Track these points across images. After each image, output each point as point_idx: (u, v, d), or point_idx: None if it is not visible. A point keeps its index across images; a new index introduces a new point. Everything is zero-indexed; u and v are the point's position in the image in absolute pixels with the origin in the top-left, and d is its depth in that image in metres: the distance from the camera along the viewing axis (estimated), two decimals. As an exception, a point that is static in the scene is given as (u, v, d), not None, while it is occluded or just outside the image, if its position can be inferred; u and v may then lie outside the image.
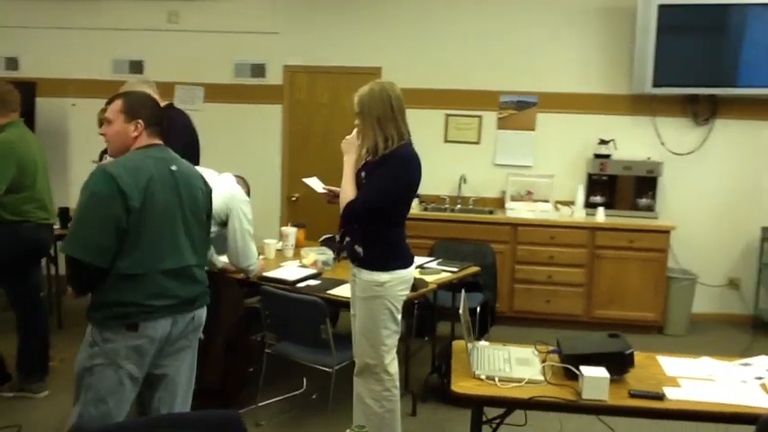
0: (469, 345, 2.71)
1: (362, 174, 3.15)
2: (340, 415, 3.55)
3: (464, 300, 2.83)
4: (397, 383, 3.21)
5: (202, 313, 2.70)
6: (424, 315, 4.73)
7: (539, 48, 6.03)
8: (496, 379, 2.51)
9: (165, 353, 2.60)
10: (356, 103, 3.10)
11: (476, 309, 4.65)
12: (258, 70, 6.40)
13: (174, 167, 2.60)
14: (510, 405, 2.51)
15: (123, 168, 2.46)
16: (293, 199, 6.41)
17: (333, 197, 3.28)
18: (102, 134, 2.70)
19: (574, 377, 2.50)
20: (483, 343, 2.81)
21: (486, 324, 4.75)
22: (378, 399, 3.18)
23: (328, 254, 4.15)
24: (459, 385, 2.49)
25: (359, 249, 3.14)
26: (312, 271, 3.96)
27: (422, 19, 6.14)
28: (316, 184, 3.34)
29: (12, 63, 6.60)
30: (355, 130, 3.18)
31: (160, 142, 2.65)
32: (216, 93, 6.37)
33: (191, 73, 6.38)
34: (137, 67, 6.51)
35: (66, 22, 6.49)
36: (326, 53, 6.27)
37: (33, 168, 3.85)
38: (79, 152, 6.34)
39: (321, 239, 4.89)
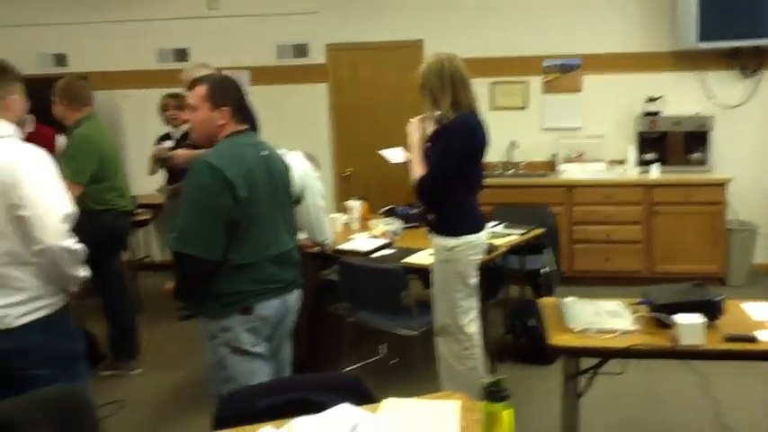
0: (564, 300, 2.80)
1: (428, 145, 3.23)
2: (424, 377, 3.67)
3: (553, 258, 2.90)
4: (477, 342, 3.31)
5: (300, 293, 2.76)
6: (489, 277, 4.80)
7: (579, 9, 6.01)
8: (591, 330, 2.59)
9: (279, 332, 2.69)
10: (418, 76, 3.19)
11: (538, 270, 4.73)
12: (300, 50, 6.47)
13: (264, 152, 2.60)
14: (607, 355, 2.58)
15: (225, 159, 2.43)
16: (345, 174, 6.51)
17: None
18: (185, 120, 2.73)
19: (665, 326, 2.57)
20: (570, 299, 2.88)
21: (551, 285, 4.82)
22: (459, 357, 3.29)
23: (396, 224, 4.24)
24: (557, 338, 2.57)
25: (430, 216, 3.24)
26: (384, 241, 4.06)
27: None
28: (397, 155, 3.41)
29: (61, 59, 6.75)
30: (418, 118, 3.30)
31: (247, 127, 2.62)
32: (260, 75, 6.45)
33: (234, 57, 6.45)
34: (181, 55, 6.62)
35: (110, 15, 6.61)
36: (367, 29, 6.32)
37: (112, 159, 3.99)
38: (133, 142, 6.49)
39: (381, 211, 4.98)
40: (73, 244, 2.39)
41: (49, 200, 2.35)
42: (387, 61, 6.38)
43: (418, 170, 3.19)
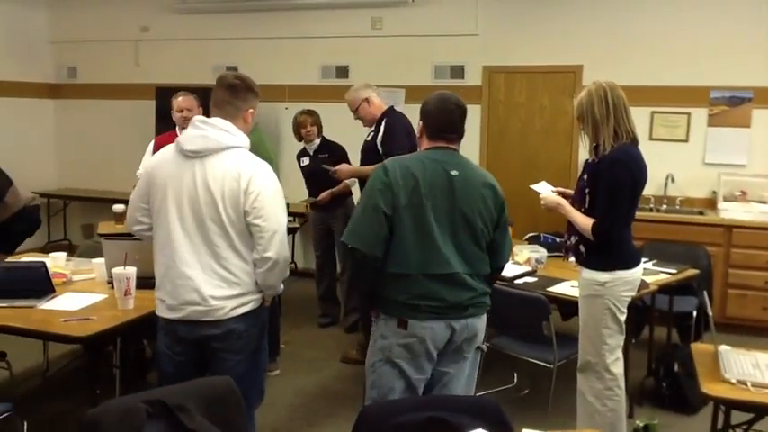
0: (719, 348, 2.66)
1: (584, 177, 3.16)
2: (558, 412, 3.59)
3: (707, 301, 2.76)
4: (621, 384, 3.19)
5: (476, 323, 2.61)
6: (633, 316, 4.62)
7: (751, 39, 5.66)
8: (748, 383, 2.43)
9: (446, 359, 2.61)
10: (575, 107, 3.14)
11: (691, 313, 4.49)
12: (457, 72, 6.56)
13: (454, 172, 2.54)
14: (764, 411, 2.43)
15: (397, 164, 2.54)
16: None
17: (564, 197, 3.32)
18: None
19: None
20: (725, 347, 2.72)
21: (700, 330, 4.56)
22: (600, 397, 3.18)
23: (542, 251, 4.18)
24: (709, 387, 2.44)
25: (581, 249, 3.17)
26: (527, 268, 4.01)
27: (623, 13, 5.99)
28: (544, 188, 3.38)
29: (232, 71, 7.23)
30: (546, 195, 3.28)
31: (445, 145, 2.62)
32: (416, 94, 6.58)
33: (392, 76, 6.65)
34: (343, 72, 6.91)
35: (279, 32, 7.04)
36: (525, 53, 6.29)
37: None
38: (289, 152, 6.81)
39: (526, 237, 4.93)
40: (288, 259, 2.66)
41: (278, 212, 2.61)
42: (542, 86, 6.32)
43: (583, 220, 3.09)
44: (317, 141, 5.45)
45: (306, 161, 5.48)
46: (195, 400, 2.06)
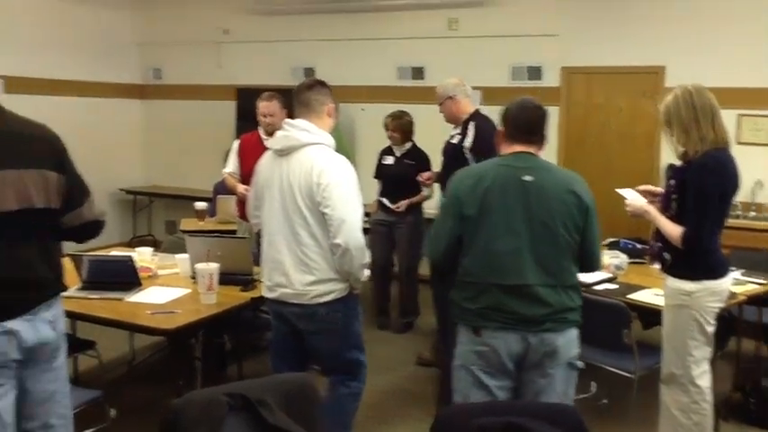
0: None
1: (671, 182, 3.06)
2: (638, 423, 3.49)
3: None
4: (708, 397, 3.07)
5: (555, 338, 2.47)
6: (719, 326, 4.45)
7: None
8: None
9: (529, 372, 2.52)
10: (661, 112, 3.04)
11: (781, 326, 4.29)
12: (535, 72, 6.47)
13: (528, 177, 2.45)
14: None
15: (468, 174, 2.56)
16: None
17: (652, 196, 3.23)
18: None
19: None
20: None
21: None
22: (685, 410, 3.07)
23: (622, 257, 4.08)
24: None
25: (667, 256, 3.07)
26: (607, 275, 3.92)
27: (708, 12, 5.76)
28: (630, 193, 3.28)
29: (310, 72, 7.36)
30: (632, 201, 3.20)
31: (523, 149, 2.54)
32: (492, 95, 6.50)
33: (468, 77, 6.50)
34: (418, 73, 6.93)
35: (355, 33, 7.10)
36: (605, 53, 6.14)
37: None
38: (364, 152, 6.88)
39: (605, 243, 4.81)
40: (364, 248, 2.86)
41: (347, 202, 2.80)
42: (622, 87, 6.17)
43: (672, 228, 2.98)
44: (407, 145, 5.44)
45: (389, 160, 5.48)
46: (275, 395, 2.10)
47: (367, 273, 2.96)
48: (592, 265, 2.63)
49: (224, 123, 7.55)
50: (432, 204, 5.25)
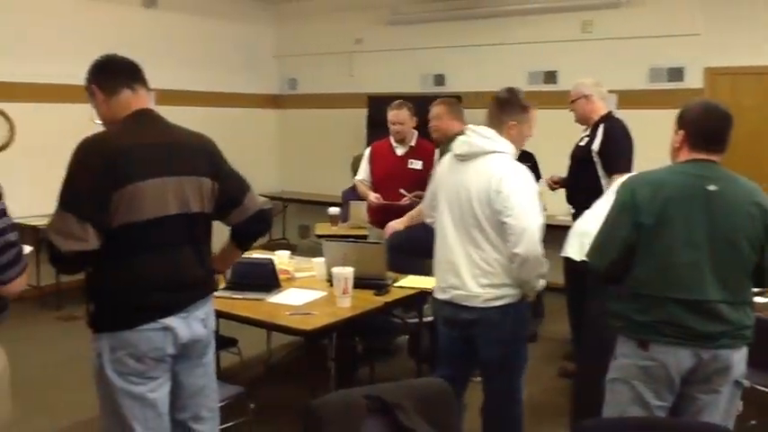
0: None
1: None
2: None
3: None
4: None
5: (729, 355, 2.35)
6: None
7: None
8: None
9: (693, 387, 2.40)
10: None
11: None
12: (676, 74, 6.18)
13: (712, 187, 2.32)
14: None
15: (644, 181, 2.42)
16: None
17: None
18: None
19: None
20: None
21: None
22: None
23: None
24: None
25: None
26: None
27: None
28: None
29: (439, 79, 7.41)
30: None
31: (705, 157, 2.39)
32: (628, 99, 6.29)
33: (603, 80, 6.30)
34: (551, 77, 6.79)
35: (485, 39, 7.06)
36: (754, 52, 5.77)
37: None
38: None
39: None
40: (542, 257, 2.80)
41: (528, 211, 2.78)
42: (774, 88, 5.76)
43: None
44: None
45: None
46: (411, 399, 2.12)
47: (543, 282, 2.91)
48: (765, 281, 2.46)
49: (355, 131, 7.74)
50: (558, 210, 5.15)
